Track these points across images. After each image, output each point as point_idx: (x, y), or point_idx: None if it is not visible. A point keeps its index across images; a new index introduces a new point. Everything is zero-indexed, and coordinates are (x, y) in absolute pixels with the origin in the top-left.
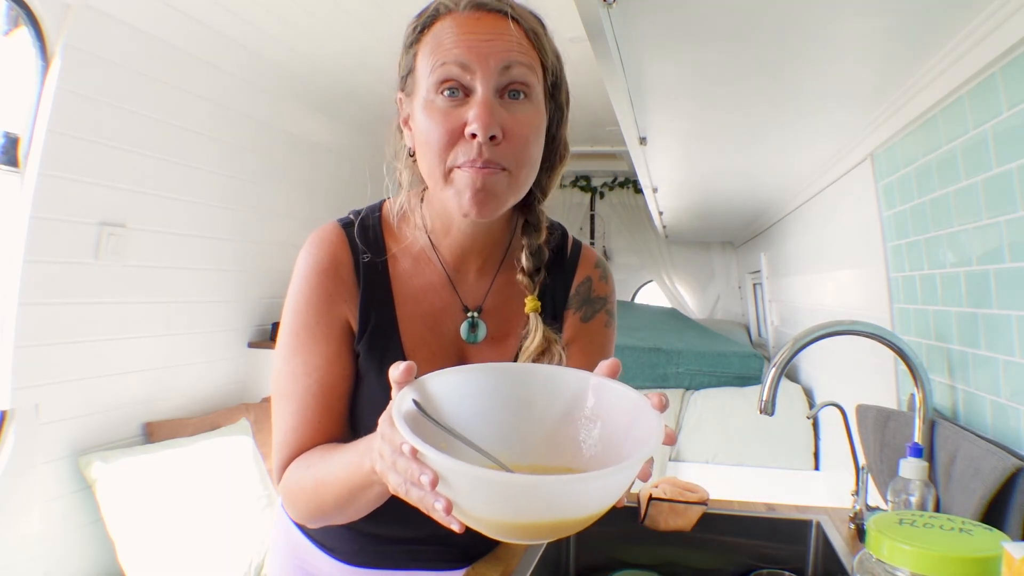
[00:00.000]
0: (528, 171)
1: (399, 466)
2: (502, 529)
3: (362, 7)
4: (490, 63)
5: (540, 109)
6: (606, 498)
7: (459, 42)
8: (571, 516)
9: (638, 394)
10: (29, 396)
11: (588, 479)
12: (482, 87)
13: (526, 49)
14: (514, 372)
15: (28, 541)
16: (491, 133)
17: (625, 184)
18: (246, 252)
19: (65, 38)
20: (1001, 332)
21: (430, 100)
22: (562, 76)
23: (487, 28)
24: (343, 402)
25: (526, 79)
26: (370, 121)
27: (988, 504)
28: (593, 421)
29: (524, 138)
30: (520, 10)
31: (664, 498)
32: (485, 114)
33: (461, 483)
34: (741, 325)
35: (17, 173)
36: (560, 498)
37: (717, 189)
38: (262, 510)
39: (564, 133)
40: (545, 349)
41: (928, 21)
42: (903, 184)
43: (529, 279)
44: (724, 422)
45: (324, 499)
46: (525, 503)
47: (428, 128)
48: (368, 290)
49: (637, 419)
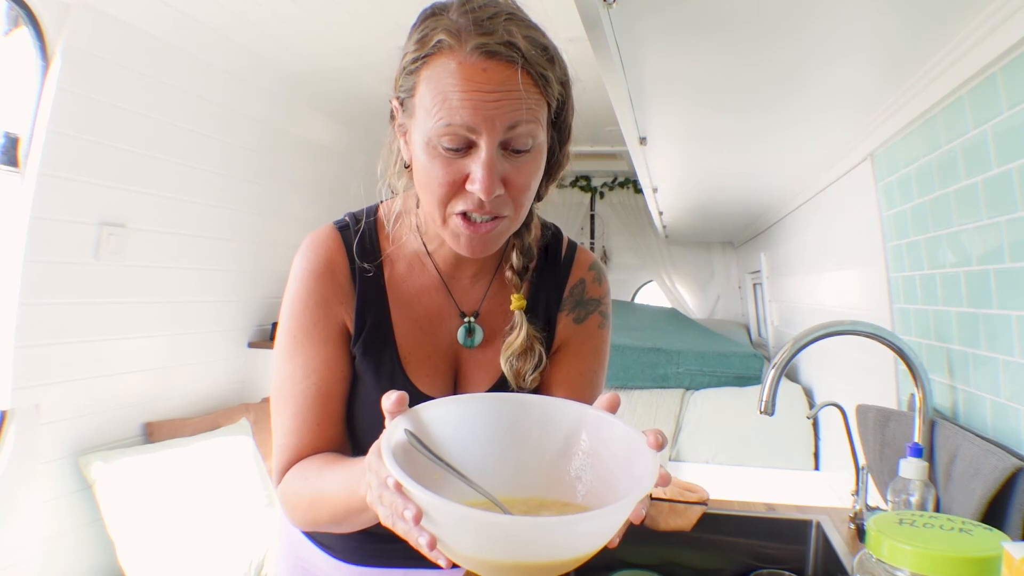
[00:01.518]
0: (527, 208)
1: (384, 499)
2: (487, 568)
3: (362, 7)
4: (496, 125)
5: (542, 151)
6: (597, 539)
7: (464, 101)
8: (559, 558)
9: (636, 431)
10: (29, 396)
11: (578, 521)
12: (486, 147)
13: (534, 102)
14: (511, 403)
15: (28, 541)
16: (494, 194)
17: (625, 184)
18: (246, 252)
19: (65, 38)
20: (1001, 332)
21: (433, 144)
22: (569, 99)
23: (495, 83)
24: (341, 404)
25: (531, 134)
26: (370, 121)
27: (988, 504)
28: (589, 456)
29: (525, 186)
30: (529, 53)
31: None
32: (488, 178)
33: (445, 520)
34: (741, 325)
35: (17, 173)
36: (548, 540)
37: (717, 189)
38: (262, 510)
39: (568, 148)
40: (528, 348)
41: (928, 21)
42: (903, 184)
43: (517, 277)
44: (724, 422)
45: (320, 514)
46: (511, 544)
47: (430, 172)
48: (364, 293)
49: (633, 457)
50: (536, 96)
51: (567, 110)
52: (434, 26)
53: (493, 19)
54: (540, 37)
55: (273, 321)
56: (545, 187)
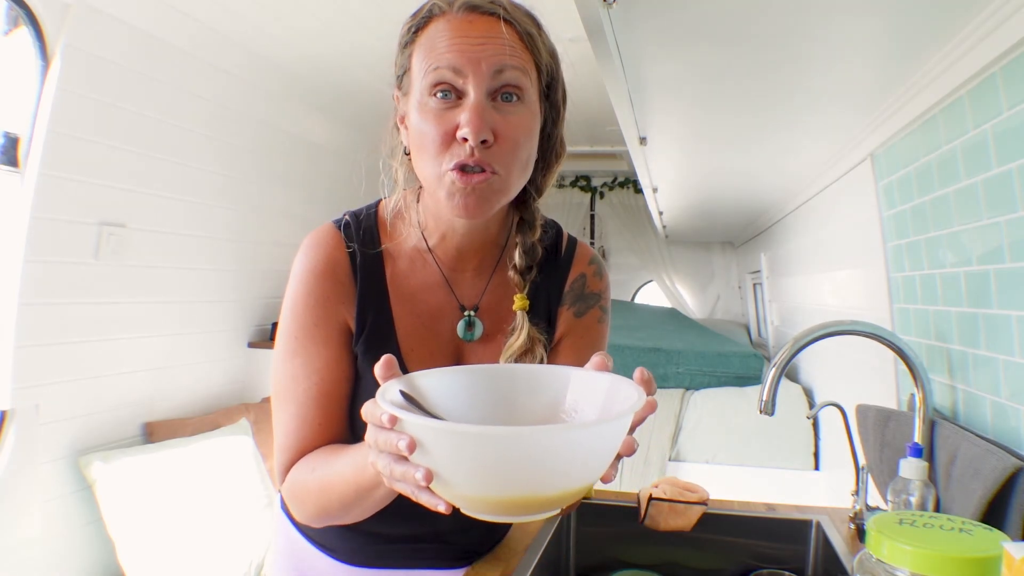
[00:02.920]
0: (519, 172)
1: (380, 441)
2: (484, 503)
3: (362, 7)
4: (482, 67)
5: (533, 111)
6: (594, 457)
7: (451, 46)
8: (554, 481)
9: (614, 375)
10: (29, 396)
11: (570, 428)
12: (474, 91)
13: (519, 51)
14: (500, 372)
15: (28, 541)
16: (482, 137)
17: (625, 184)
18: (246, 252)
19: (65, 38)
20: (1001, 332)
21: (424, 102)
22: (558, 75)
23: (480, 31)
24: (343, 403)
25: (518, 82)
26: (369, 121)
27: (988, 504)
28: (576, 411)
29: (515, 141)
30: (514, 11)
31: (664, 498)
32: (476, 119)
33: (440, 446)
34: (741, 325)
35: (17, 173)
36: (542, 451)
37: (717, 189)
38: (262, 510)
39: (560, 131)
40: (528, 349)
41: (928, 21)
42: (903, 184)
43: (520, 277)
44: (724, 422)
45: (330, 500)
46: (505, 462)
47: (422, 130)
48: (365, 291)
49: (616, 394)
50: (522, 48)
51: (558, 84)
52: (426, 4)
53: None
54: (527, 9)
55: (273, 321)
56: (543, 178)
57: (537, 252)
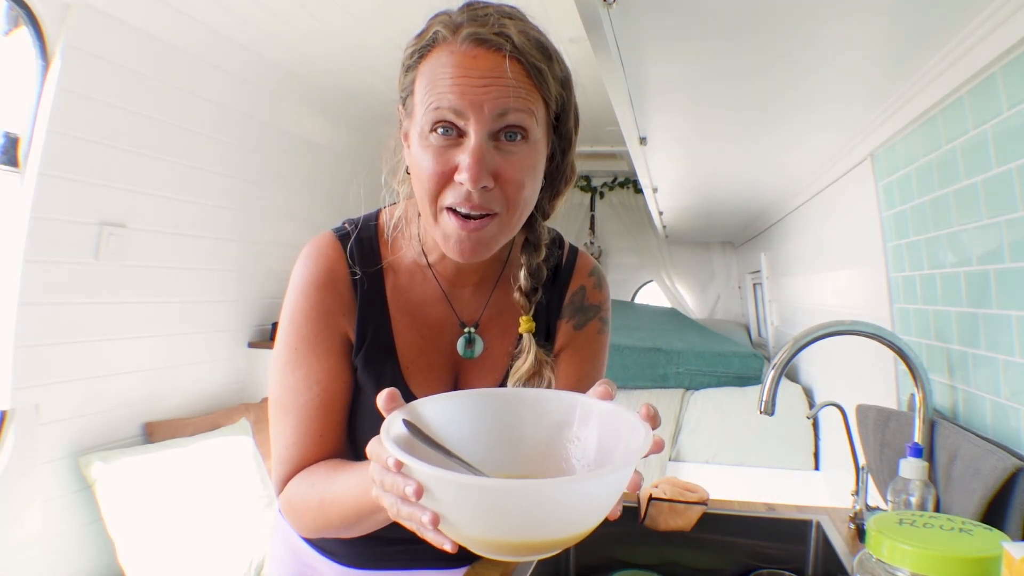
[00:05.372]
0: (521, 211)
1: (386, 482)
2: (492, 545)
3: (362, 7)
4: (484, 110)
5: (538, 148)
6: (597, 505)
7: (453, 86)
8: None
9: (625, 409)
10: (29, 396)
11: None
12: (475, 134)
13: (525, 91)
14: (504, 397)
15: (28, 541)
16: (481, 184)
17: (625, 184)
18: (246, 252)
19: (65, 38)
20: (1001, 332)
21: (425, 134)
22: (570, 103)
23: (484, 69)
24: (343, 416)
25: (522, 123)
26: (371, 121)
27: (988, 504)
28: (582, 440)
29: (518, 182)
30: (523, 44)
31: (664, 498)
32: (475, 166)
33: (446, 494)
34: (741, 325)
35: (17, 173)
36: (548, 504)
37: (717, 189)
38: (262, 510)
39: (571, 158)
40: (536, 372)
41: (928, 21)
42: (903, 184)
43: (526, 299)
44: (724, 422)
45: (330, 518)
46: (512, 512)
47: (421, 165)
48: (365, 304)
49: (624, 432)
50: (529, 87)
51: (568, 115)
52: (433, 23)
53: (489, 14)
54: (538, 35)
55: (273, 321)
56: (550, 203)
57: (543, 274)
